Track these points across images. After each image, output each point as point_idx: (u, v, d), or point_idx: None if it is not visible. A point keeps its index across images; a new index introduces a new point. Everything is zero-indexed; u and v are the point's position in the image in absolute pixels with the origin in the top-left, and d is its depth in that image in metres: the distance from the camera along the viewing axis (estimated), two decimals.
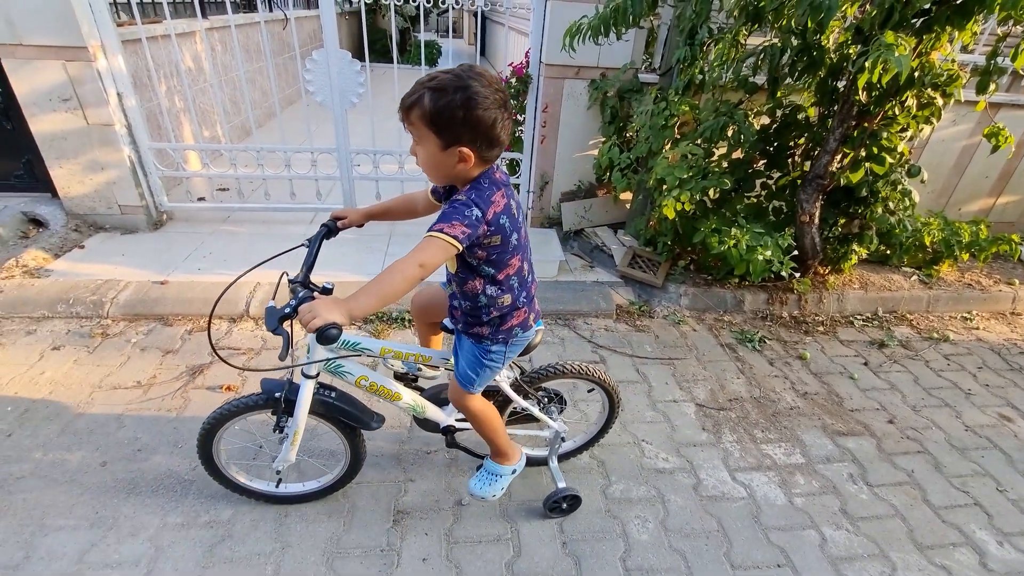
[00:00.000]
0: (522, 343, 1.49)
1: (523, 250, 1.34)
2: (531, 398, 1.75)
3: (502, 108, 1.13)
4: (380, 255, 3.19)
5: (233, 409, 1.50)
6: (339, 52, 2.97)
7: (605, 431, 1.96)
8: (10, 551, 1.58)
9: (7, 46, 2.68)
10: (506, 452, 1.67)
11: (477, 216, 1.14)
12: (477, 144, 1.13)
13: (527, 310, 1.43)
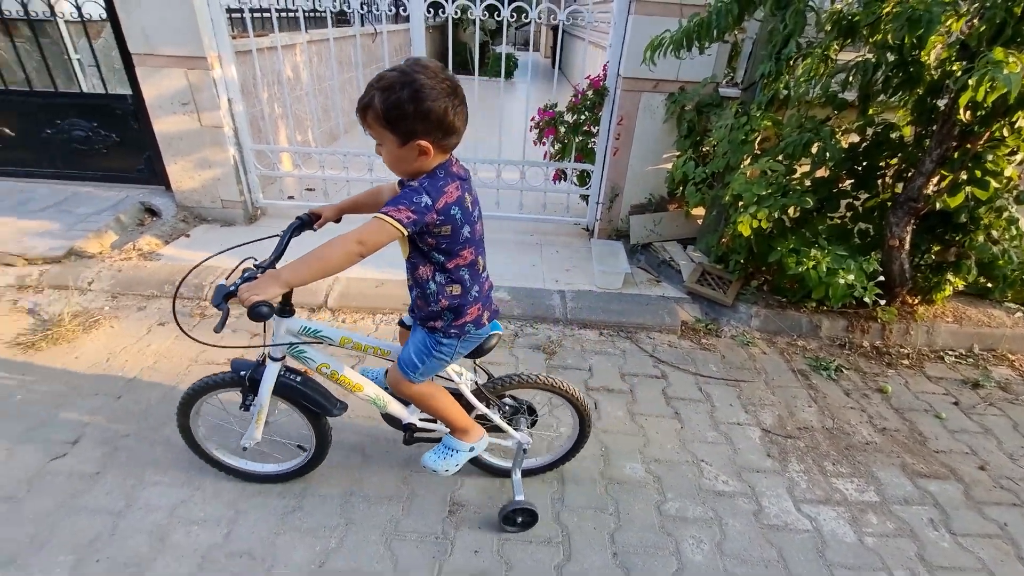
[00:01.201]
0: (474, 341, 1.49)
1: (476, 244, 1.35)
2: (493, 406, 1.72)
3: (451, 96, 1.14)
4: None
5: (205, 385, 1.61)
6: None
7: (576, 450, 1.89)
8: (115, 499, 1.79)
9: (141, 55, 3.05)
10: (465, 428, 1.65)
11: (426, 204, 1.17)
12: (432, 135, 1.16)
13: (481, 307, 1.43)
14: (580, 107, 3.25)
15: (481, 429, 1.69)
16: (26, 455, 1.92)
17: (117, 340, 2.53)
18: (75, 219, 3.30)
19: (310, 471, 1.87)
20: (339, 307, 2.82)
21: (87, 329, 2.57)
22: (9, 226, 3.19)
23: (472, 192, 1.32)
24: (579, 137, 3.38)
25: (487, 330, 1.50)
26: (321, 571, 1.60)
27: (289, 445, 1.87)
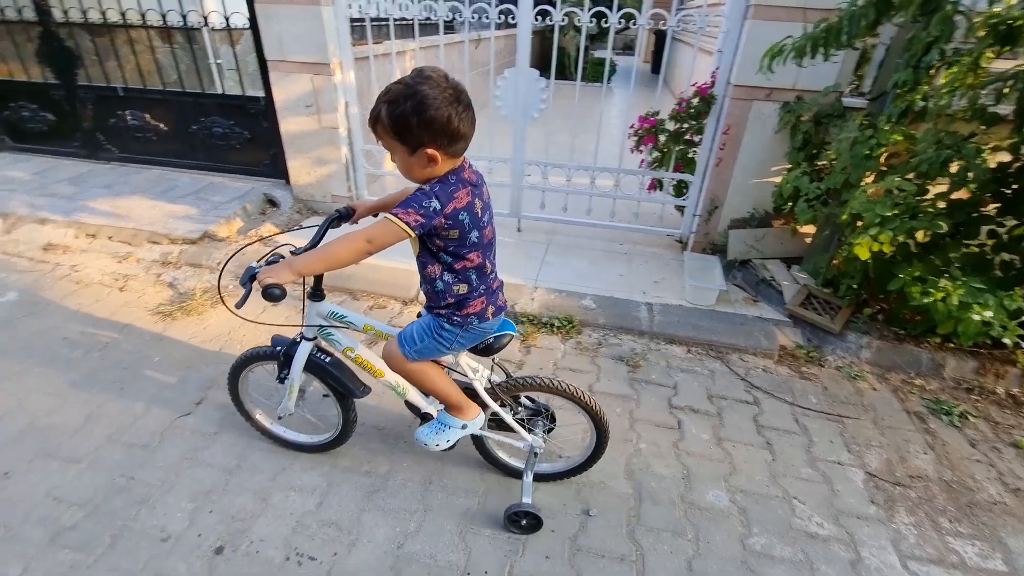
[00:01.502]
0: (477, 334, 1.50)
1: (484, 248, 1.38)
2: (506, 405, 1.71)
3: (454, 103, 1.18)
4: (537, 262, 3.34)
5: (250, 355, 1.80)
6: (528, 70, 3.19)
7: (593, 461, 1.84)
8: (228, 457, 2.00)
9: (275, 61, 3.38)
10: (459, 406, 1.65)
11: (435, 208, 1.21)
12: (438, 142, 1.20)
13: (485, 300, 1.45)
14: (684, 115, 3.14)
15: (476, 408, 1.69)
16: (159, 410, 2.19)
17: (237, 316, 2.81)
18: (210, 206, 3.72)
19: (336, 447, 1.99)
20: None
21: (214, 304, 2.89)
22: (158, 209, 3.66)
23: (483, 198, 1.35)
24: (680, 146, 3.27)
25: (492, 325, 1.52)
26: (400, 552, 1.69)
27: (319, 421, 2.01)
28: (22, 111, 4.41)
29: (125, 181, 4.09)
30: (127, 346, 2.56)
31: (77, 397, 2.25)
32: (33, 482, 1.88)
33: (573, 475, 1.91)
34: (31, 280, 3.09)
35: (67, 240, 3.42)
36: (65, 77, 4.16)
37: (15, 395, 2.25)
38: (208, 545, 1.69)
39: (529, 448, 1.81)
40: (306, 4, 3.14)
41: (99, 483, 1.88)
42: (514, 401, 1.75)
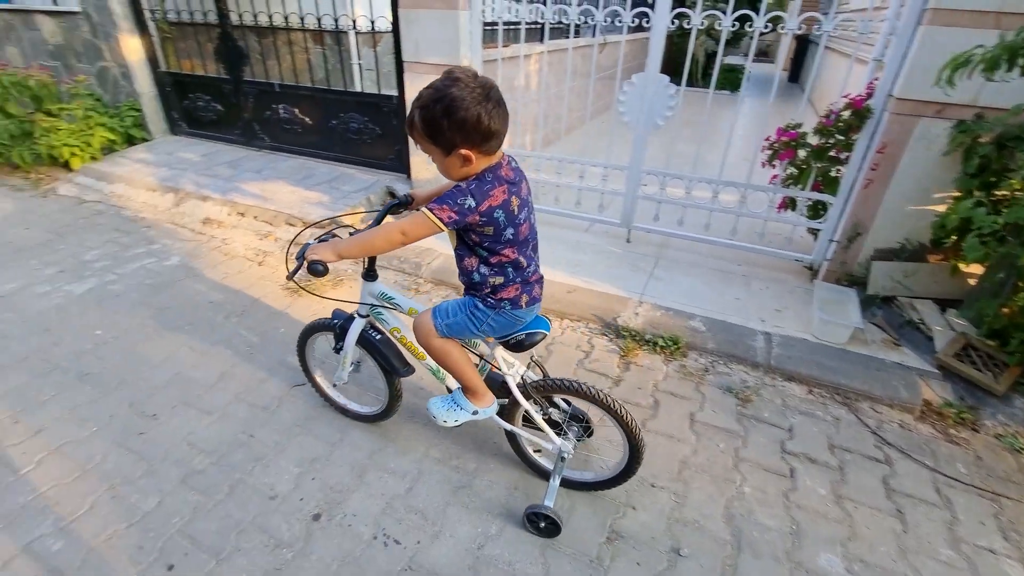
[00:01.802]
0: (509, 320, 1.50)
1: (521, 244, 1.39)
2: (538, 405, 1.70)
3: (484, 102, 1.19)
4: (644, 275, 3.20)
5: (314, 326, 1.99)
6: (658, 76, 3.06)
7: (624, 478, 1.76)
8: (333, 430, 2.13)
9: (410, 63, 3.57)
10: (475, 391, 1.65)
11: (470, 205, 1.25)
12: (471, 141, 1.22)
13: (519, 288, 1.45)
14: (831, 129, 2.83)
15: (492, 398, 1.68)
16: (279, 378, 2.40)
17: (352, 297, 3.00)
18: (340, 195, 4.03)
19: (383, 419, 2.11)
20: None
21: (335, 285, 3.11)
22: (296, 195, 4.03)
23: (521, 195, 1.36)
24: (822, 163, 2.95)
25: (525, 315, 1.52)
26: (480, 552, 1.68)
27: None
28: (198, 101, 5.10)
29: (272, 167, 4.56)
30: (259, 316, 2.84)
31: (216, 355, 2.54)
32: (175, 426, 2.14)
33: (602, 488, 1.84)
34: (191, 248, 3.56)
35: (221, 216, 3.88)
36: (234, 73, 4.74)
37: (169, 347, 2.59)
38: (307, 510, 1.81)
39: (557, 451, 1.77)
40: (445, 9, 3.28)
41: (225, 435, 2.10)
42: (547, 402, 1.74)
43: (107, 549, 1.67)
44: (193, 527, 1.74)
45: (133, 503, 1.82)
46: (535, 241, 1.48)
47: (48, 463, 1.96)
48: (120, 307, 2.90)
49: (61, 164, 4.65)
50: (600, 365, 2.53)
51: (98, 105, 5.05)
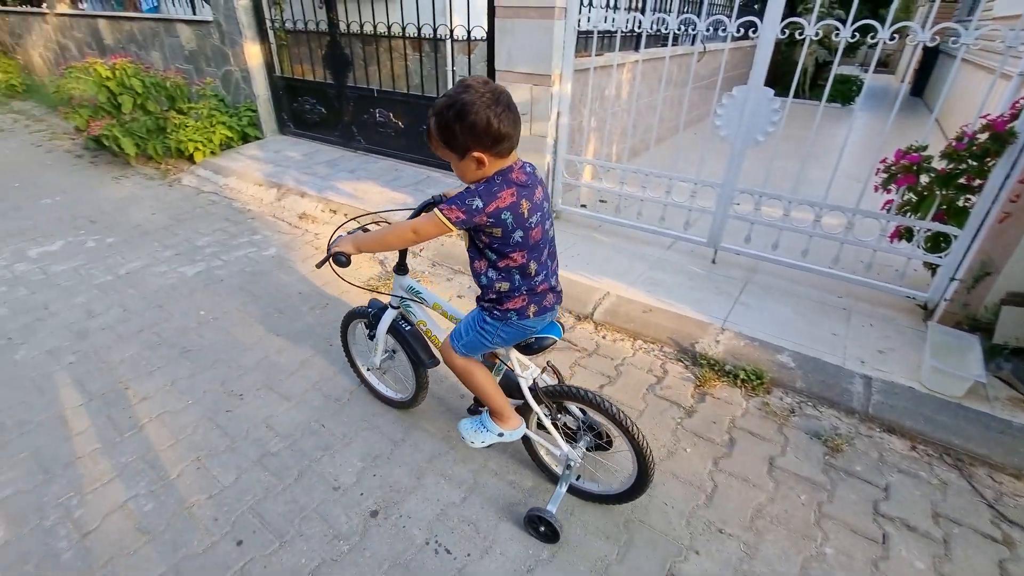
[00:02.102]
0: (517, 330, 1.53)
1: (531, 249, 1.41)
2: (549, 410, 1.72)
3: (493, 105, 1.24)
4: (729, 300, 3.00)
5: (353, 313, 2.15)
6: (762, 89, 2.87)
7: (633, 496, 1.73)
8: (396, 429, 2.17)
9: (502, 72, 3.61)
10: (500, 415, 1.69)
11: (477, 207, 1.29)
12: (482, 144, 1.27)
13: (527, 299, 1.48)
14: (962, 153, 2.50)
15: (519, 420, 1.72)
16: (352, 373, 2.49)
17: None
18: (423, 196, 4.15)
19: (410, 407, 2.23)
20: (604, 322, 2.84)
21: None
22: (384, 195, 4.21)
23: (533, 199, 1.37)
24: (949, 191, 2.61)
25: (534, 324, 1.54)
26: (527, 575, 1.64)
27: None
28: (305, 104, 5.49)
29: (365, 168, 4.80)
30: (339, 310, 2.98)
31: (298, 344, 2.69)
32: (256, 407, 2.29)
33: (609, 502, 1.82)
34: (287, 240, 3.82)
35: (316, 212, 4.14)
36: (339, 79, 5.05)
37: (259, 332, 2.78)
38: (366, 506, 1.85)
39: (564, 457, 1.76)
40: (540, 18, 3.28)
41: (300, 421, 2.21)
42: (559, 408, 1.76)
43: (188, 517, 1.80)
44: (263, 506, 1.84)
45: (214, 476, 1.96)
46: (550, 249, 1.50)
47: (148, 429, 2.16)
48: (222, 291, 3.17)
49: (186, 157, 5.19)
50: (672, 393, 2.39)
51: (220, 105, 5.58)
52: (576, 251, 3.55)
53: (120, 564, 1.65)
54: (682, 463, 2.03)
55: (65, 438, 2.11)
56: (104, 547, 1.70)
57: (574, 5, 3.28)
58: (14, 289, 3.15)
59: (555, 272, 1.55)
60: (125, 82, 4.94)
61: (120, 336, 2.74)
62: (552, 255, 1.52)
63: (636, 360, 2.61)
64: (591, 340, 2.75)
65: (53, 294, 3.11)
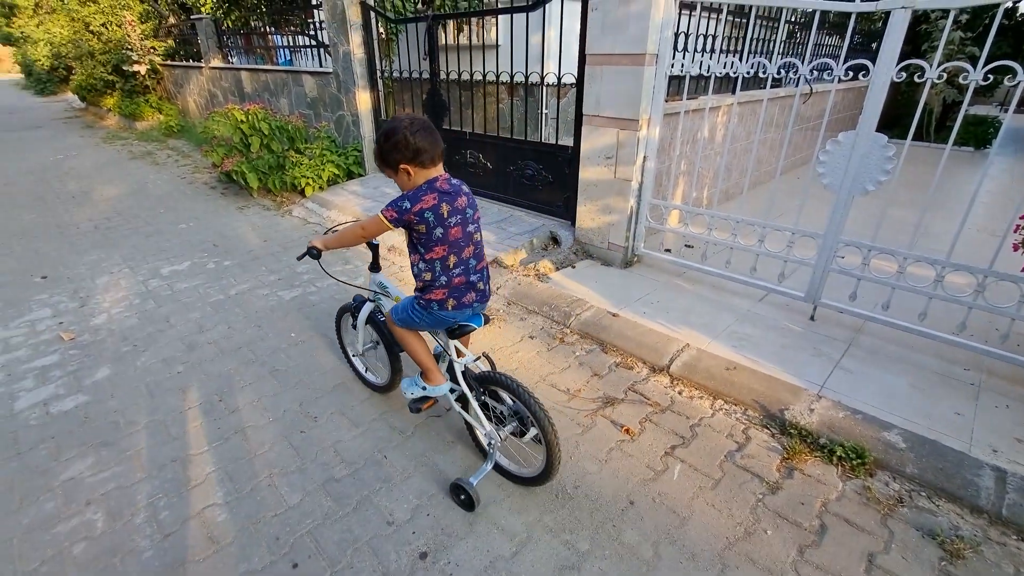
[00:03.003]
0: (439, 319, 1.89)
1: (451, 245, 1.76)
2: (474, 391, 1.98)
3: (410, 127, 1.67)
4: (828, 363, 2.71)
5: (343, 307, 2.54)
6: (873, 136, 2.63)
7: (542, 480, 1.96)
8: (455, 469, 2.14)
9: (589, 116, 3.64)
10: (427, 375, 2.08)
11: (406, 207, 1.69)
12: (407, 158, 1.69)
13: (446, 293, 1.82)
14: None
15: (443, 380, 2.07)
16: None
17: (499, 339, 3.08)
18: (505, 235, 4.23)
19: (387, 392, 2.57)
20: (681, 376, 2.66)
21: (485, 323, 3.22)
22: None
23: (454, 204, 1.74)
24: None
25: (453, 316, 1.88)
26: None
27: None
28: None
29: None
30: None
31: None
32: (328, 430, 2.38)
33: (522, 483, 2.04)
34: None
35: (403, 245, 4.35)
36: (435, 122, 5.37)
37: (338, 358, 2.91)
38: (417, 546, 1.83)
39: (488, 436, 2.01)
40: (630, 65, 3.28)
41: (364, 450, 2.26)
42: (492, 395, 2.00)
43: (254, 532, 1.89)
44: (321, 532, 1.88)
45: (282, 495, 2.04)
46: (471, 249, 1.83)
47: (233, 441, 2.32)
48: (313, 316, 3.39)
49: (299, 191, 5.73)
50: (754, 463, 2.16)
51: (332, 146, 6.14)
52: (656, 298, 3.40)
53: (189, 571, 1.76)
54: (760, 547, 1.81)
55: (164, 442, 2.32)
56: (179, 551, 1.82)
57: (666, 51, 3.26)
58: (145, 302, 3.60)
59: (478, 272, 1.88)
60: (255, 125, 5.60)
61: (222, 351, 3.01)
62: (477, 257, 1.87)
63: (715, 422, 2.41)
64: (665, 395, 2.58)
65: (175, 308, 3.50)
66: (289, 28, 7.10)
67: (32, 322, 3.33)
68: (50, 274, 4.05)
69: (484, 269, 1.92)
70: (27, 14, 14.91)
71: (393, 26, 5.82)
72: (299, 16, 6.78)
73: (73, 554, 1.82)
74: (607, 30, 3.33)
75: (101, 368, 2.85)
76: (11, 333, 3.20)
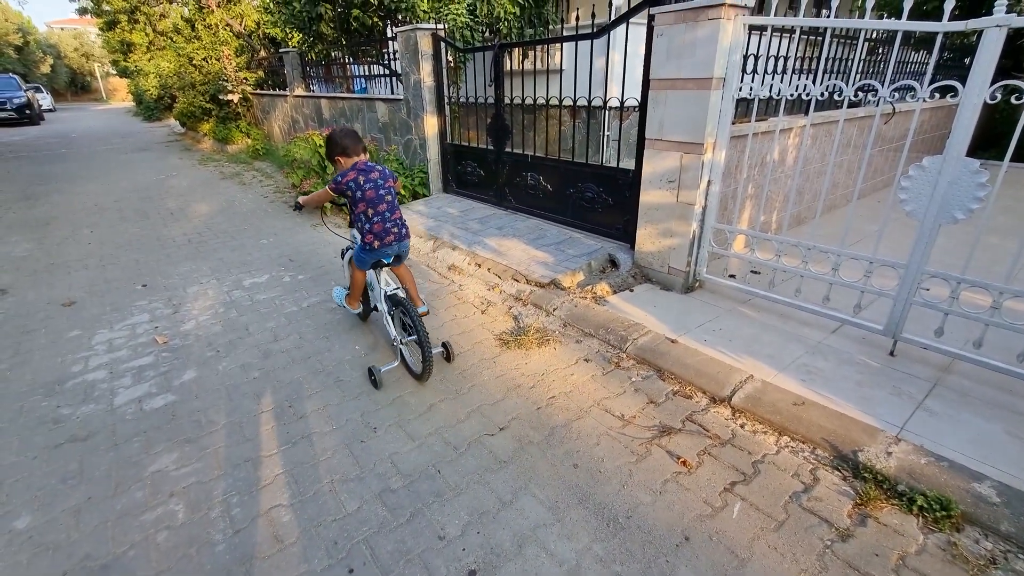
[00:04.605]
0: (371, 254, 2.91)
1: (368, 203, 2.78)
2: (388, 308, 3.01)
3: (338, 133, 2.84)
4: (909, 403, 2.51)
5: (343, 249, 3.51)
6: (964, 161, 2.45)
7: (422, 377, 2.86)
8: (506, 490, 2.16)
9: (651, 140, 3.62)
10: (352, 297, 3.33)
11: (337, 180, 2.74)
12: (338, 152, 2.82)
13: (372, 237, 2.83)
14: None
15: (356, 306, 3.39)
16: (475, 421, 2.57)
17: (553, 361, 3.09)
18: (564, 257, 4.25)
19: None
20: (743, 409, 2.55)
21: (540, 344, 3.25)
22: (527, 253, 4.40)
23: (369, 177, 2.78)
24: None
25: (381, 252, 2.90)
26: None
27: None
28: (467, 167, 6.07)
29: (512, 226, 5.10)
30: (472, 359, 3.13)
31: (430, 388, 2.87)
32: (386, 442, 2.47)
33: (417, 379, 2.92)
34: (435, 289, 4.17)
35: (463, 264, 4.47)
36: (498, 145, 5.52)
37: (400, 374, 3.02)
38: (465, 563, 1.85)
39: (394, 338, 2.99)
40: (696, 89, 3.25)
41: (420, 464, 2.32)
42: (397, 309, 2.94)
43: (314, 535, 1.98)
44: (375, 540, 1.95)
45: (341, 501, 2.13)
46: (384, 206, 2.82)
47: (299, 446, 2.46)
48: (375, 330, 3.55)
49: None
50: (823, 507, 2.03)
51: (400, 168, 6.44)
52: (718, 325, 3.29)
53: (255, 567, 1.87)
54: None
55: (239, 442, 2.49)
56: (247, 547, 1.94)
57: (734, 75, 3.20)
58: (229, 311, 3.90)
59: (393, 220, 2.86)
60: None
61: (293, 359, 3.20)
62: (391, 210, 2.85)
63: (779, 459, 2.29)
64: (726, 427, 2.48)
65: (254, 318, 3.77)
66: (366, 59, 7.57)
67: (133, 325, 3.69)
68: (149, 282, 4.48)
69: (398, 218, 2.90)
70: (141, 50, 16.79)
71: (461, 55, 6.07)
72: (375, 48, 7.22)
73: (156, 541, 1.98)
74: (672, 55, 3.33)
75: (188, 370, 3.11)
76: (115, 335, 3.56)
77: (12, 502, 2.18)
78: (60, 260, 5.08)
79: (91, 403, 2.82)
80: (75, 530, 2.04)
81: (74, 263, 4.99)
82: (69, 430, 2.60)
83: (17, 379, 3.06)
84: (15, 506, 2.16)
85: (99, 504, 2.16)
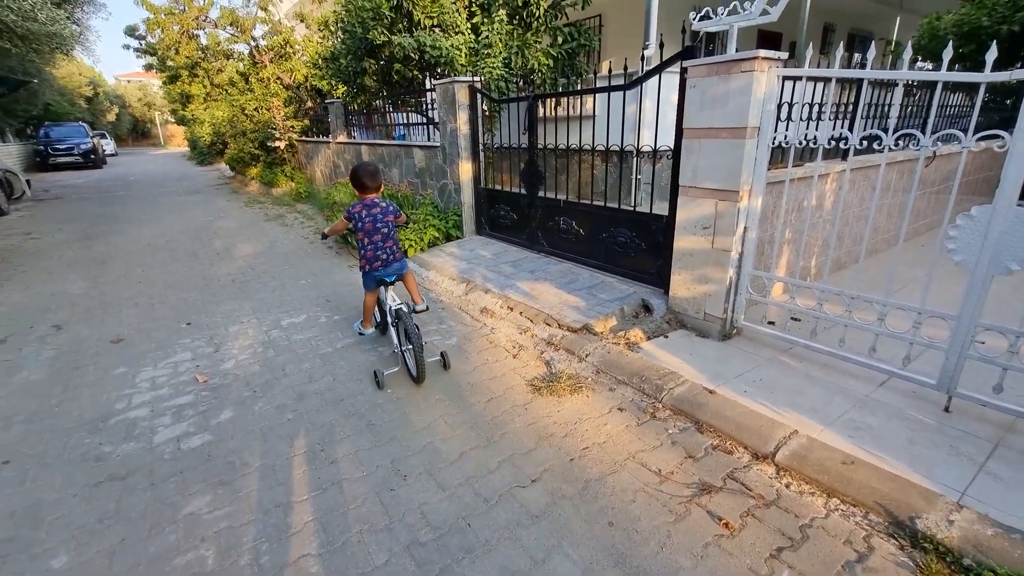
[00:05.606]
0: (370, 277, 3.57)
1: (366, 232, 3.42)
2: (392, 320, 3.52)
3: (361, 171, 3.46)
4: (968, 465, 2.34)
5: None
6: (1015, 210, 2.36)
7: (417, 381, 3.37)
8: (538, 549, 2.08)
9: (685, 187, 3.63)
10: (365, 320, 3.97)
11: (349, 211, 3.45)
12: (357, 187, 3.49)
13: (367, 261, 3.48)
14: None
15: (370, 328, 4.00)
16: (505, 472, 2.52)
17: (586, 409, 3.02)
18: (596, 302, 4.23)
19: None
20: (789, 467, 2.43)
21: (573, 391, 3.19)
22: (558, 297, 4.40)
23: (371, 212, 3.43)
24: None
25: (377, 275, 3.51)
26: None
27: None
28: (500, 211, 6.19)
29: (544, 270, 5.12)
30: (503, 406, 3.10)
31: (462, 435, 2.84)
32: (416, 491, 2.43)
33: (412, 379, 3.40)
34: (467, 332, 4.18)
35: (495, 308, 4.49)
36: (531, 190, 5.62)
37: (431, 417, 3.01)
38: None
39: (397, 346, 3.51)
40: (730, 138, 3.27)
41: (449, 515, 2.28)
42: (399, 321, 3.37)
43: None
44: None
45: (369, 553, 2.10)
46: (378, 237, 3.43)
47: (329, 492, 2.44)
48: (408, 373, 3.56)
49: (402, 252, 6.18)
50: None
51: (434, 211, 6.62)
52: (758, 375, 3.18)
53: None
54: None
55: (271, 485, 2.50)
56: None
57: (768, 124, 3.21)
58: (266, 350, 3.99)
59: (384, 248, 3.46)
60: None
61: (326, 402, 3.23)
62: (384, 239, 3.45)
63: (829, 524, 2.15)
64: (770, 487, 2.36)
65: (290, 358, 3.85)
66: (405, 108, 7.93)
67: (175, 363, 3.81)
68: (193, 321, 4.65)
69: (389, 247, 3.48)
70: (199, 101, 18.06)
71: (496, 104, 6.29)
72: (415, 98, 7.57)
73: None
74: (706, 105, 3.37)
75: (225, 410, 3.17)
76: (158, 372, 3.68)
77: (51, 540, 2.22)
78: (113, 298, 5.34)
79: (132, 441, 2.89)
80: (108, 572, 2.06)
81: (125, 301, 5.24)
82: (109, 468, 2.67)
83: (65, 414, 3.18)
84: (53, 544, 2.20)
85: (133, 546, 2.18)
